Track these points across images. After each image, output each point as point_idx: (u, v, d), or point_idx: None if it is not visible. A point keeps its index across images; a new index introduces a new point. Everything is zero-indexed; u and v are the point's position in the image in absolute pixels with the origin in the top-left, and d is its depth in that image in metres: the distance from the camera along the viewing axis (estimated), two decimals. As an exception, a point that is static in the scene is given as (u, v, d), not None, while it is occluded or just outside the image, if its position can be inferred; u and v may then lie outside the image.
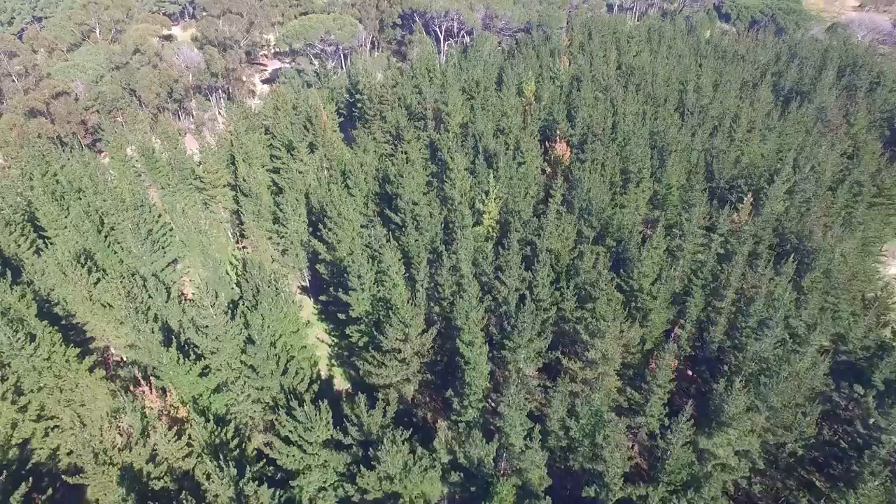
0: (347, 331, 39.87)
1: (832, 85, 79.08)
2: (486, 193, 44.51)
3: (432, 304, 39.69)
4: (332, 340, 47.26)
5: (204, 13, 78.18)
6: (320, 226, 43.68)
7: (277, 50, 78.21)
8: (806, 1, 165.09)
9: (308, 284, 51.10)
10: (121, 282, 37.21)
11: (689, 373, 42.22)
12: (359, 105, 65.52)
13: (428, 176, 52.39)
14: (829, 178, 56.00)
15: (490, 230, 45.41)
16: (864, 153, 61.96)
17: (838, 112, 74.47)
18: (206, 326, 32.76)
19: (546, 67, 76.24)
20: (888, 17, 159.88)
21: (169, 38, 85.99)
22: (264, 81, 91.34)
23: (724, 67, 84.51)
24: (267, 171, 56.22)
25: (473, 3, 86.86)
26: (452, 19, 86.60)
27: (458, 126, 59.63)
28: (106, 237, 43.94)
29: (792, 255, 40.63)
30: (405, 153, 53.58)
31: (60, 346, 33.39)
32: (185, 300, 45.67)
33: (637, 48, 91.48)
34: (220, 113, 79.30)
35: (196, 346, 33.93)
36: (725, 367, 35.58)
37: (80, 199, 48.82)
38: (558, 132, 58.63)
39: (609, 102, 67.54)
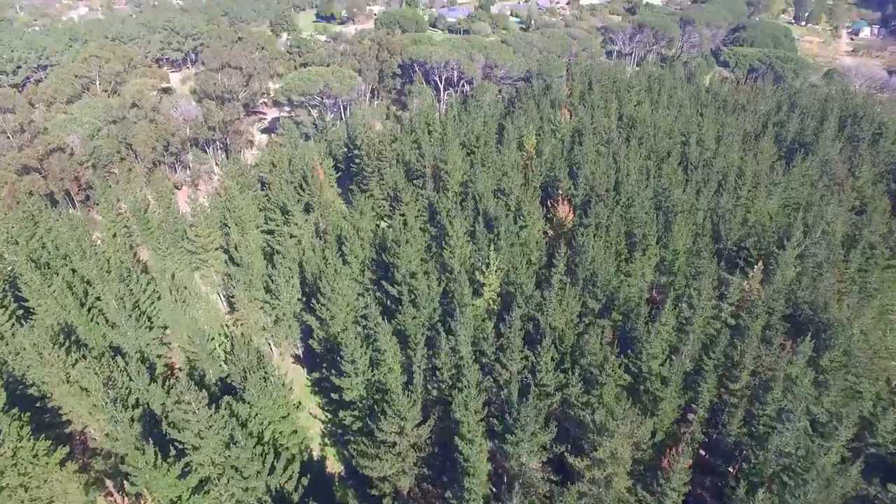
0: (341, 414, 37.65)
1: (834, 136, 78.37)
2: (487, 265, 42.73)
3: (430, 387, 37.50)
4: (326, 416, 44.88)
5: (203, 66, 77.97)
6: (313, 300, 41.78)
7: (277, 99, 77.92)
8: (801, 46, 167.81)
9: (301, 354, 48.95)
10: (100, 364, 35.13)
11: (703, 453, 39.70)
12: (357, 161, 64.50)
13: (427, 239, 50.86)
14: (841, 238, 54.41)
15: (491, 302, 43.51)
16: (873, 211, 60.47)
17: (843, 165, 73.43)
18: (188, 421, 30.57)
19: (547, 120, 75.66)
20: (881, 62, 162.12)
21: (168, 90, 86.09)
22: (263, 131, 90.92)
23: (725, 118, 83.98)
24: (261, 231, 54.80)
25: (473, 53, 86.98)
26: (452, 69, 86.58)
27: (457, 184, 58.40)
28: (89, 310, 42.02)
29: (809, 335, 38.47)
30: (403, 216, 52.14)
31: (29, 439, 31.15)
32: (172, 376, 43.53)
33: (637, 97, 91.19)
34: (217, 164, 78.38)
35: (177, 441, 31.65)
36: (744, 464, 33.12)
37: (66, 264, 47.21)
38: (560, 191, 57.34)
39: (611, 157, 66.54)
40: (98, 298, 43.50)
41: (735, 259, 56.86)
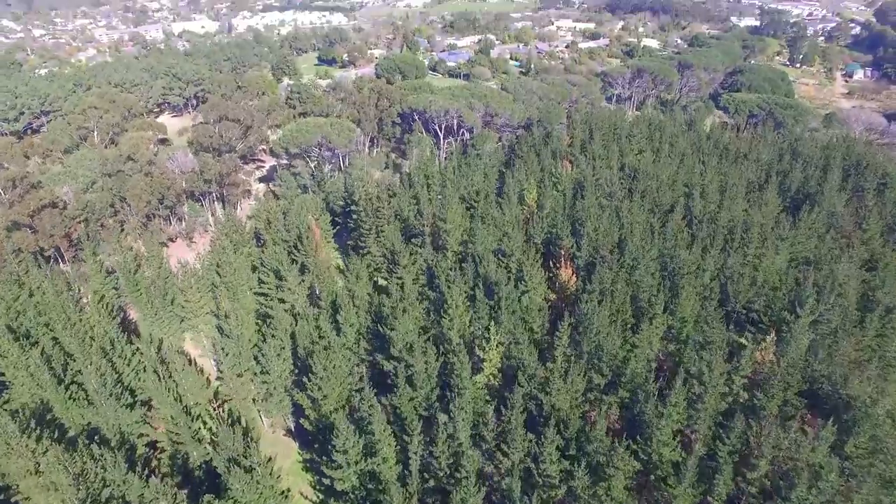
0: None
1: (839, 187, 77.23)
2: (487, 340, 40.71)
3: (427, 476, 35.04)
4: (318, 497, 42.14)
5: (201, 120, 77.63)
6: (305, 378, 39.63)
7: (275, 150, 77.18)
8: (798, 89, 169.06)
9: (293, 427, 46.46)
10: (72, 455, 32.78)
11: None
12: (354, 216, 63.17)
13: (425, 306, 48.96)
14: (854, 299, 52.47)
15: (491, 378, 41.31)
16: (884, 268, 58.64)
17: (850, 218, 71.99)
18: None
19: (548, 172, 74.70)
20: (877, 105, 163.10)
21: (165, 140, 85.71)
22: (261, 179, 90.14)
23: (727, 168, 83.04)
24: (254, 293, 53.02)
25: (473, 102, 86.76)
26: (452, 118, 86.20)
27: (456, 243, 56.85)
28: (68, 387, 39.83)
29: (831, 419, 36.13)
30: (400, 279, 50.39)
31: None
32: (155, 457, 41.08)
33: (639, 146, 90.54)
34: (213, 215, 77.21)
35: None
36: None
37: (48, 332, 45.24)
38: (563, 251, 55.71)
39: (614, 212, 65.20)
40: (79, 372, 41.41)
41: (745, 322, 54.91)
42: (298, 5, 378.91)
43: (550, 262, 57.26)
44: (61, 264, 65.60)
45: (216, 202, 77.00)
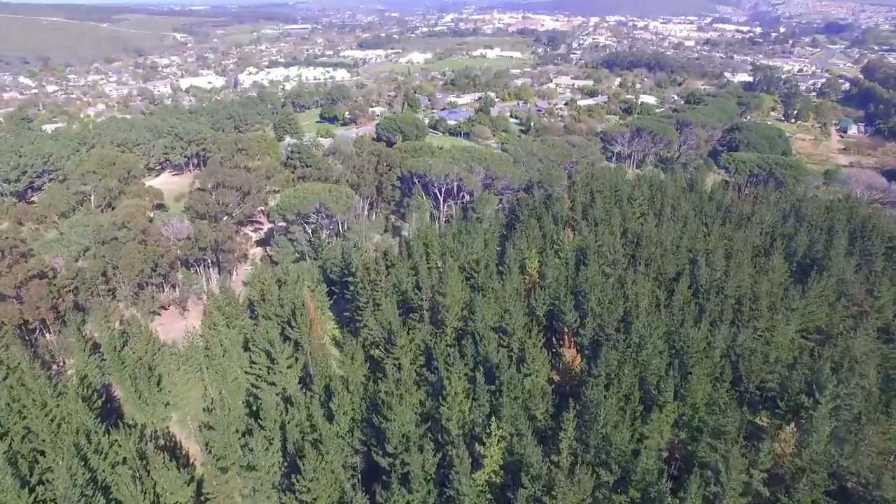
0: None
1: (846, 252, 75.73)
2: (488, 435, 38.09)
3: None
4: None
5: (198, 186, 77.33)
6: (294, 477, 36.79)
7: (272, 216, 76.46)
8: (795, 145, 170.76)
9: (280, 524, 43.08)
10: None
11: None
12: (351, 288, 61.41)
13: (424, 391, 46.48)
14: (875, 380, 49.90)
15: (493, 475, 38.41)
16: (903, 344, 56.21)
17: (860, 286, 70.14)
18: None
19: (549, 239, 73.50)
20: (874, 161, 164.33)
21: (161, 206, 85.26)
22: (259, 242, 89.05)
23: (731, 232, 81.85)
24: (244, 371, 50.68)
25: (473, 165, 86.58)
26: (452, 181, 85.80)
27: (456, 319, 54.79)
28: (33, 489, 36.90)
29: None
30: (397, 360, 48.09)
31: None
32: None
33: (640, 208, 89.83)
34: (207, 282, 75.55)
35: None
36: None
37: (21, 420, 42.58)
38: (566, 328, 53.59)
39: (618, 282, 63.46)
40: (49, 469, 38.57)
41: (759, 404, 52.21)
42: (303, 61, 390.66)
43: (553, 339, 55.11)
44: (47, 335, 63.50)
45: (211, 268, 75.52)
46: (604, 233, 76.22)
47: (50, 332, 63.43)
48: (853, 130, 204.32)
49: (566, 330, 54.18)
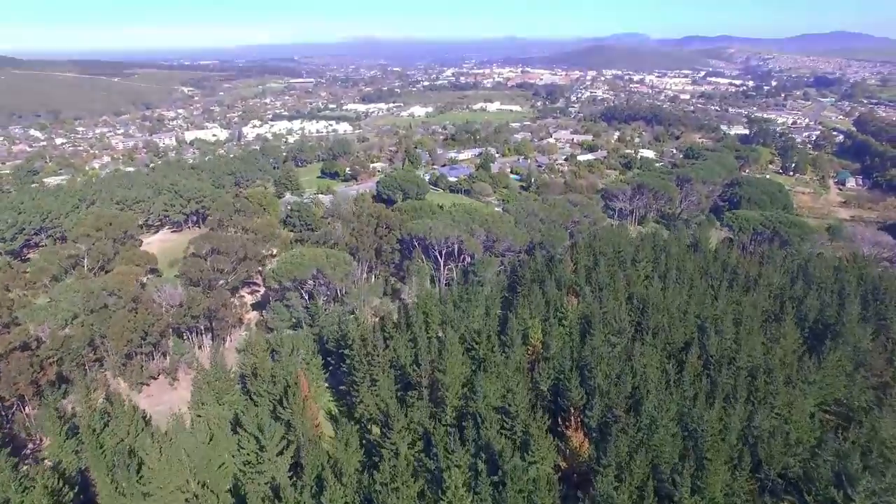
0: None
1: (859, 317, 73.35)
2: (492, 542, 34.88)
3: None
4: None
5: (193, 254, 76.02)
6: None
7: (268, 282, 74.73)
8: (795, 199, 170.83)
9: None
10: None
11: None
12: (347, 360, 58.92)
13: (423, 475, 43.37)
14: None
15: (498, 587, 34.96)
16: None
17: (879, 355, 67.46)
18: None
19: (553, 307, 71.40)
20: (875, 216, 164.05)
21: (155, 270, 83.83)
22: (255, 306, 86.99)
23: (739, 296, 79.77)
24: (232, 456, 47.59)
25: (474, 227, 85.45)
26: (453, 244, 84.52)
27: (456, 398, 52.06)
28: None
29: None
30: (394, 445, 45.12)
31: None
32: None
33: (644, 270, 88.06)
34: (199, 348, 73.03)
35: None
36: None
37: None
38: (572, 408, 50.76)
39: (625, 354, 60.95)
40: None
41: (782, 493, 48.73)
42: (306, 114, 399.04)
43: (559, 418, 52.18)
44: (24, 409, 60.55)
45: (204, 335, 73.18)
46: (608, 299, 74.15)
47: (28, 406, 60.55)
48: (851, 183, 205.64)
49: (572, 410, 51.34)
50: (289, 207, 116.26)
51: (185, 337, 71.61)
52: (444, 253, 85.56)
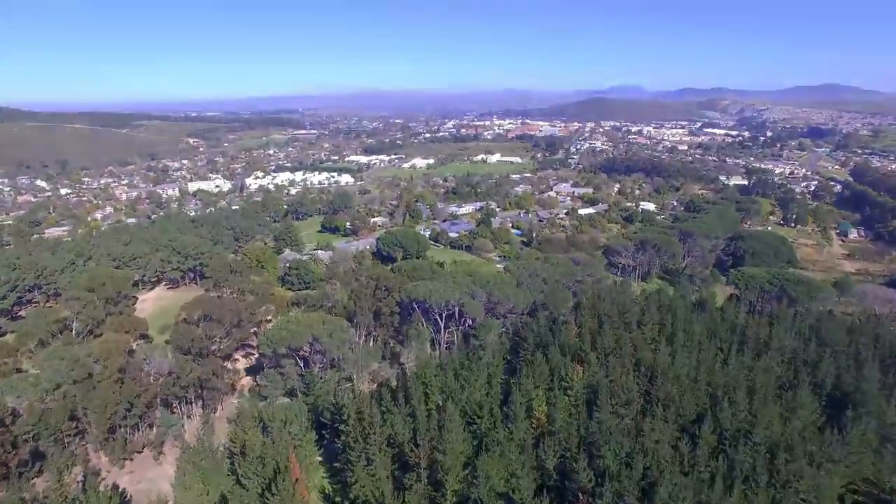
0: None
1: (881, 383, 70.22)
2: None
3: None
4: None
5: (184, 320, 73.92)
6: None
7: (262, 350, 72.22)
8: (799, 252, 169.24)
9: None
10: None
11: None
12: (342, 436, 55.73)
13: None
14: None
15: None
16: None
17: (904, 428, 63.87)
18: None
19: (557, 373, 68.56)
20: (882, 269, 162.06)
21: (146, 336, 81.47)
22: (249, 370, 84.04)
23: (751, 361, 76.89)
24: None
25: (475, 290, 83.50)
26: (453, 307, 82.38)
27: (457, 481, 48.70)
28: None
29: None
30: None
31: None
32: None
33: (651, 333, 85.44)
34: (188, 418, 69.68)
35: None
36: None
37: None
38: (581, 494, 47.30)
39: (634, 428, 57.78)
40: None
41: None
42: (309, 166, 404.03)
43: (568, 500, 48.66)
44: None
45: (194, 403, 70.04)
46: (615, 366, 71.32)
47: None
48: (853, 234, 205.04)
49: (581, 496, 47.87)
50: (287, 265, 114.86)
51: (173, 407, 68.46)
52: (444, 316, 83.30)
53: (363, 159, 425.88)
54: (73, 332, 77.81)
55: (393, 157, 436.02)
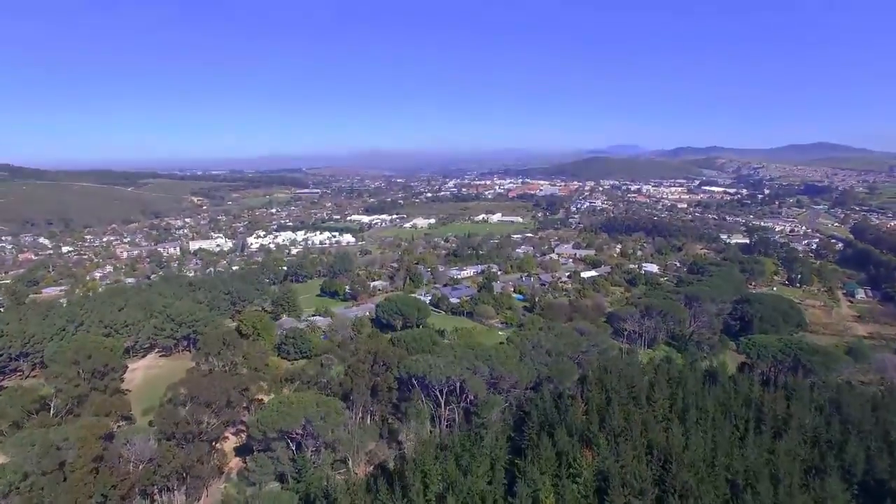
0: None
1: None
2: None
3: None
4: None
5: (169, 401, 70.08)
6: None
7: (252, 433, 67.83)
8: (808, 315, 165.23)
9: None
10: None
11: None
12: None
13: None
14: None
15: None
16: None
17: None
18: None
19: (564, 458, 64.05)
20: (894, 332, 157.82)
21: (128, 417, 77.37)
22: (239, 450, 79.23)
23: (770, 443, 72.25)
24: None
25: (477, 365, 79.87)
26: (454, 382, 78.56)
27: None
28: None
29: None
30: None
31: None
32: None
33: (662, 410, 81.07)
34: (170, 508, 64.53)
35: None
36: None
37: None
38: None
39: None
40: None
41: None
42: (311, 225, 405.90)
43: None
44: None
45: (177, 491, 65.07)
46: (626, 450, 66.78)
47: None
48: (861, 295, 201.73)
49: None
50: (284, 333, 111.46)
51: (153, 496, 63.49)
52: (444, 392, 79.31)
53: (365, 219, 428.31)
54: (52, 411, 73.48)
55: (394, 216, 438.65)
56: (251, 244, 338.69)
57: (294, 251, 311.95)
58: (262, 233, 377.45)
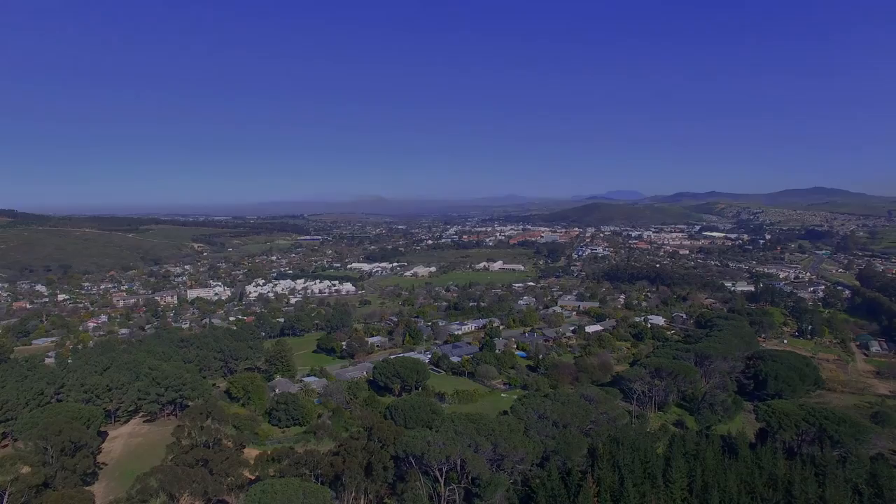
0: None
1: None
2: None
3: None
4: None
5: (139, 492, 64.03)
6: None
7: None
8: (822, 371, 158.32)
9: None
10: None
11: None
12: None
13: None
14: None
15: None
16: None
17: None
18: None
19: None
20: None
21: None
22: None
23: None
24: None
25: (479, 441, 74.02)
26: (455, 461, 72.51)
27: None
28: None
29: None
30: None
31: None
32: None
33: (681, 491, 74.70)
34: None
35: None
36: None
37: None
38: None
39: None
40: None
41: None
42: (310, 273, 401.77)
43: None
44: None
45: None
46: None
47: None
48: (875, 348, 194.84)
49: None
50: (276, 397, 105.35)
51: None
52: (444, 471, 73.09)
53: (365, 267, 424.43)
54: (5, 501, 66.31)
55: (395, 264, 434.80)
56: (250, 293, 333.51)
57: (293, 300, 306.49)
58: (261, 281, 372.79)
